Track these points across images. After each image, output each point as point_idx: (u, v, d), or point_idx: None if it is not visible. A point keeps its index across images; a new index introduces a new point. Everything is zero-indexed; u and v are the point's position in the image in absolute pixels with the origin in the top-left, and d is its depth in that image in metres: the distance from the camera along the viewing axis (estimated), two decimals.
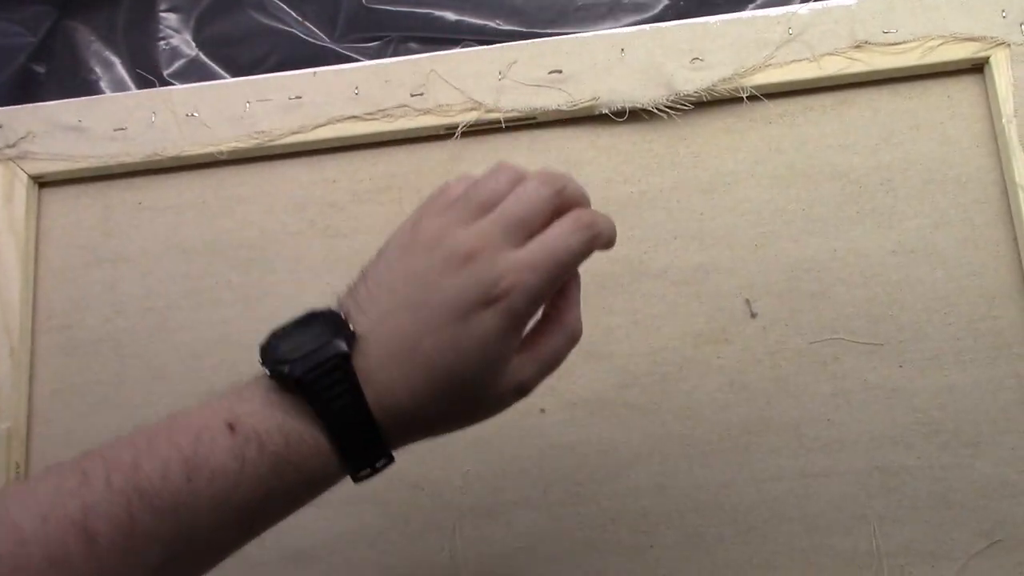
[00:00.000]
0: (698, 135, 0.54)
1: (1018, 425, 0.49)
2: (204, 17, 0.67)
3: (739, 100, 0.53)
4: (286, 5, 0.66)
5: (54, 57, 0.67)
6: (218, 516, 0.31)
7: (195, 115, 0.56)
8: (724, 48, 0.54)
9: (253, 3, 0.66)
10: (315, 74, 0.56)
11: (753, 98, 0.53)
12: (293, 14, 0.66)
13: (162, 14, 0.67)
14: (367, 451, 0.33)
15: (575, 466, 0.51)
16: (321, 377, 0.31)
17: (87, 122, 0.57)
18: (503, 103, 0.54)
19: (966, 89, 0.53)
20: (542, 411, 0.52)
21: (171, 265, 0.56)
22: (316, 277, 0.55)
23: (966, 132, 0.53)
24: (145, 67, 0.66)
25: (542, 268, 0.33)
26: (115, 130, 0.57)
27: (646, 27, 0.55)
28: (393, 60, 0.56)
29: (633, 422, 0.51)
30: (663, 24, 0.55)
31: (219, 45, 0.66)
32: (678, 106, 0.54)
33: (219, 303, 0.55)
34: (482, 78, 0.55)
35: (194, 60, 0.66)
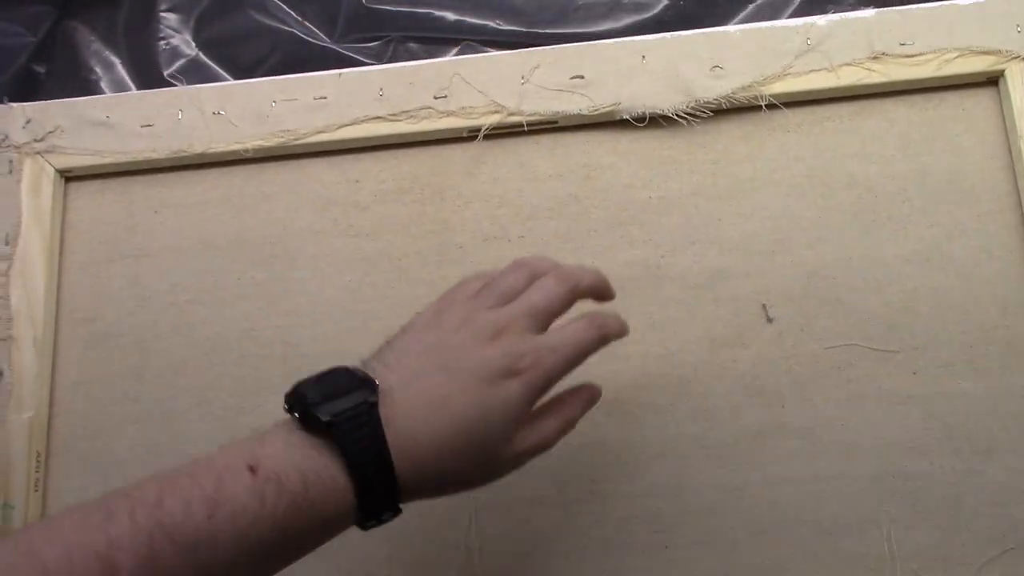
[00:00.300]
0: (717, 142, 0.55)
1: None
2: (204, 17, 0.67)
3: (758, 108, 0.54)
4: (286, 5, 0.66)
5: (54, 57, 0.67)
6: (236, 553, 0.32)
7: (222, 113, 0.57)
8: (743, 57, 0.55)
9: (253, 3, 0.66)
10: (340, 75, 0.57)
11: (772, 107, 0.54)
12: (293, 14, 0.66)
13: (162, 14, 0.67)
14: (383, 495, 0.35)
15: (591, 465, 0.52)
16: (350, 419, 0.34)
17: (115, 118, 0.58)
18: (525, 107, 0.55)
19: (981, 102, 0.54)
20: None
21: (194, 261, 0.57)
22: (338, 275, 0.56)
23: (980, 144, 0.54)
24: (145, 67, 0.66)
25: (560, 353, 0.38)
26: (142, 126, 0.57)
27: (667, 35, 0.56)
28: (417, 63, 0.57)
29: (649, 423, 0.52)
30: (684, 32, 0.56)
31: (219, 45, 0.67)
32: (698, 113, 0.54)
33: (241, 299, 0.56)
34: (505, 82, 0.56)
35: (194, 60, 0.66)
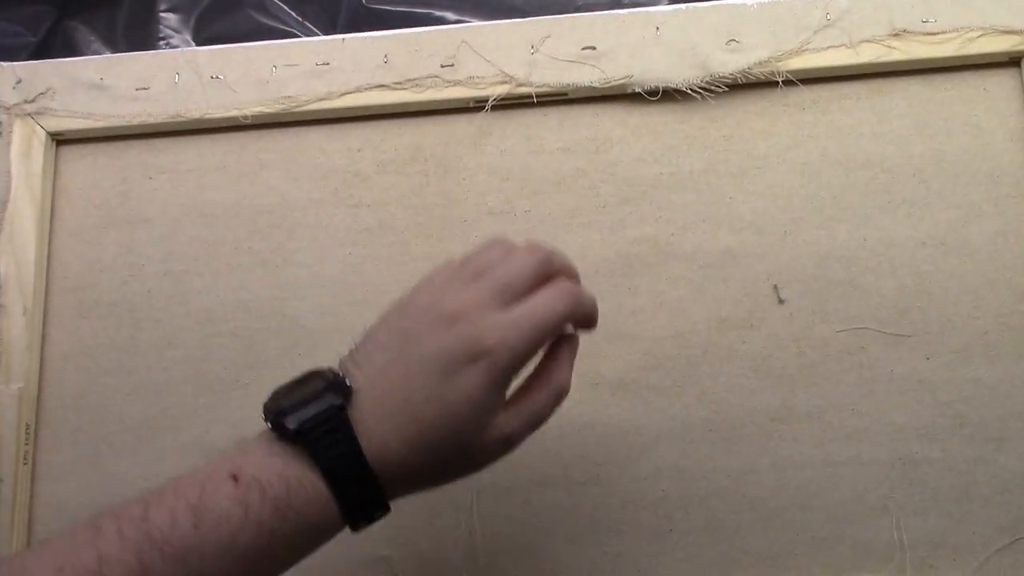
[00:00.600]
0: (731, 118, 0.54)
1: None
2: (204, 17, 0.66)
3: (774, 84, 0.53)
4: (286, 5, 0.66)
5: (54, 57, 0.65)
6: (224, 561, 0.32)
7: (220, 77, 0.55)
8: (761, 31, 0.53)
9: (253, 3, 0.66)
10: (344, 40, 0.55)
11: (788, 83, 0.53)
12: (293, 14, 0.65)
13: (162, 14, 0.66)
14: (364, 497, 0.35)
15: (595, 447, 0.51)
16: (317, 427, 0.34)
17: (109, 80, 0.56)
18: (535, 78, 0.54)
19: (1002, 83, 0.53)
20: None
21: (190, 229, 0.55)
22: (338, 246, 0.54)
23: (1000, 126, 0.52)
24: None
25: (524, 328, 0.36)
26: (137, 89, 0.55)
27: (682, 6, 0.54)
28: (424, 29, 0.55)
29: (655, 405, 0.51)
30: (700, 4, 0.54)
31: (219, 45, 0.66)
32: (712, 88, 0.53)
33: (238, 269, 0.54)
34: (514, 51, 0.54)
35: None
